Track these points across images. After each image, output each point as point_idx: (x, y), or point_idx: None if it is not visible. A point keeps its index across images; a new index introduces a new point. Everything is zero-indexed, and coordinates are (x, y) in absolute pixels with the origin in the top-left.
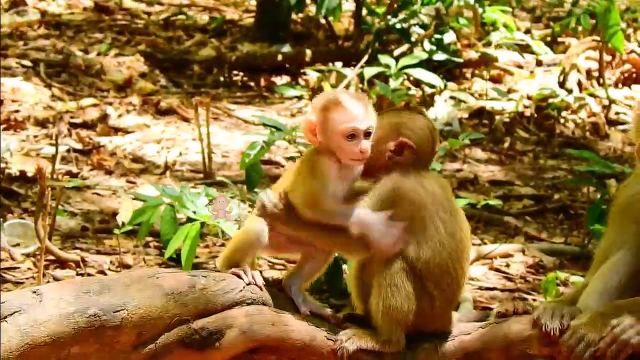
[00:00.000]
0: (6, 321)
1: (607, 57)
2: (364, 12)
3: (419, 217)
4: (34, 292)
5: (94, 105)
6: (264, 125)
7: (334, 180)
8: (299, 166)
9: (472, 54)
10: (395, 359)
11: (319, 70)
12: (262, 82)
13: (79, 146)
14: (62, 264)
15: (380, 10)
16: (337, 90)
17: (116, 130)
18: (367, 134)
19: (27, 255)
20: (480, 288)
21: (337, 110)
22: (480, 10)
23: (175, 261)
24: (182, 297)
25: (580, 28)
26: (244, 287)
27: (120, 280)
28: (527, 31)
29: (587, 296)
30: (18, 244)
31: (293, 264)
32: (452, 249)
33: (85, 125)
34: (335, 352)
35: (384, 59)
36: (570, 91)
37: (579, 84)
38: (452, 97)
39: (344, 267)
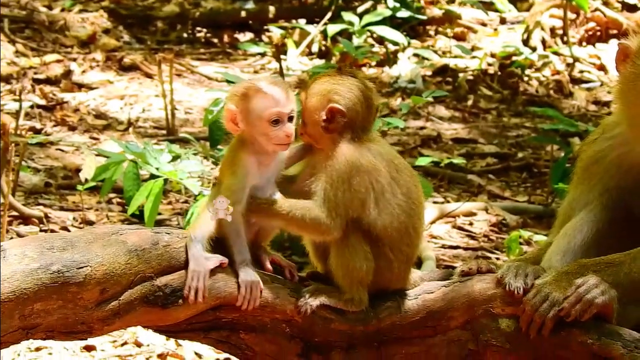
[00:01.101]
0: None
1: (571, 15)
2: None
3: (376, 184)
4: None
5: (58, 61)
6: (227, 81)
7: (252, 176)
8: (224, 160)
9: (435, 11)
10: (359, 317)
11: (282, 27)
12: (226, 39)
13: (42, 102)
14: (25, 220)
15: None
16: (254, 78)
17: (80, 86)
18: (290, 118)
19: None
20: (443, 246)
21: (258, 97)
22: None
23: (138, 218)
24: (146, 254)
25: None
26: None
27: (83, 236)
28: None
29: (551, 255)
30: None
31: None
32: (409, 210)
33: (48, 81)
34: (299, 308)
35: (347, 16)
36: (534, 49)
37: (543, 42)
38: (415, 55)
39: None
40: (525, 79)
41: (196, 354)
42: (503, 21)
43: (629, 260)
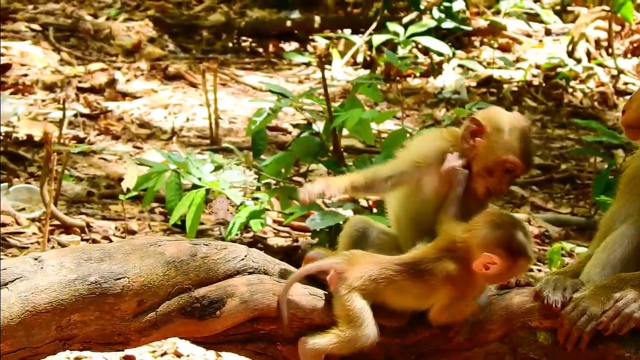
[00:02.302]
0: (7, 288)
1: (616, 27)
2: None
3: None
4: (35, 258)
5: (102, 69)
6: (271, 92)
7: None
8: None
9: (480, 22)
10: (396, 329)
11: (327, 37)
12: (271, 49)
13: (86, 111)
14: (67, 229)
15: None
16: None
17: (124, 95)
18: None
19: (33, 220)
20: None
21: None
22: None
23: (180, 227)
24: (184, 266)
25: None
26: (245, 256)
27: (121, 247)
28: (537, 0)
29: (590, 268)
30: (24, 209)
31: (301, 231)
32: None
33: (93, 90)
34: None
35: (392, 26)
36: (579, 61)
37: (588, 53)
38: (460, 66)
39: None
40: (570, 90)
41: None
42: (548, 32)
43: None
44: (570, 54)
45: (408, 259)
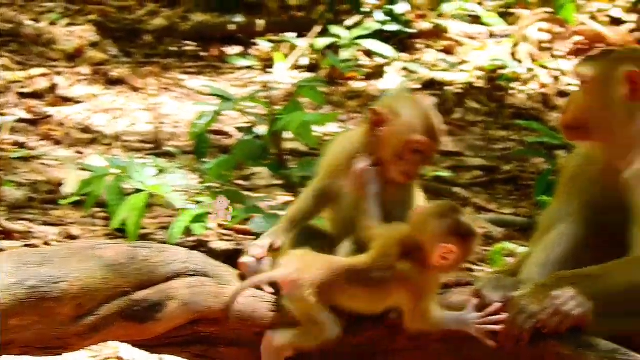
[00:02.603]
0: None
1: (558, 29)
2: None
3: None
4: None
5: (44, 75)
6: (214, 95)
7: None
8: None
9: (424, 25)
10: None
11: (270, 41)
12: (214, 52)
13: (28, 116)
14: (7, 234)
15: None
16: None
17: (65, 100)
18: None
19: None
20: None
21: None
22: None
23: (122, 232)
24: (123, 269)
25: None
26: (186, 259)
27: (60, 252)
28: (480, 2)
29: (529, 267)
30: None
31: (244, 234)
32: None
33: (34, 95)
34: None
35: (336, 29)
36: (521, 62)
37: (530, 55)
38: (403, 68)
39: None
40: (512, 92)
41: None
42: (491, 35)
43: (606, 273)
44: (513, 55)
45: (360, 265)
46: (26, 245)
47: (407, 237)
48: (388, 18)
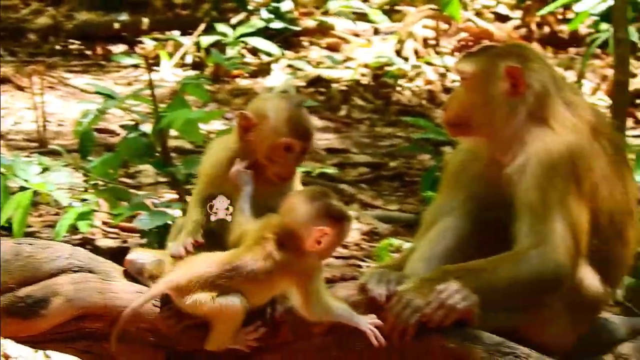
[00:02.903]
0: None
1: (443, 26)
2: None
3: None
4: None
5: None
6: (99, 93)
7: None
8: None
9: (309, 22)
10: None
11: (155, 39)
12: (99, 51)
13: None
14: None
15: None
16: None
17: None
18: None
19: None
20: None
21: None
22: None
23: (8, 230)
24: (7, 265)
25: None
26: (70, 255)
27: None
28: (365, 0)
29: (414, 262)
30: None
31: (130, 232)
32: None
33: None
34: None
35: (221, 27)
36: (406, 59)
37: (416, 52)
38: (289, 66)
39: None
40: (398, 89)
41: None
42: (376, 32)
43: (490, 266)
44: (399, 52)
45: (235, 260)
46: None
47: (281, 226)
48: (273, 16)
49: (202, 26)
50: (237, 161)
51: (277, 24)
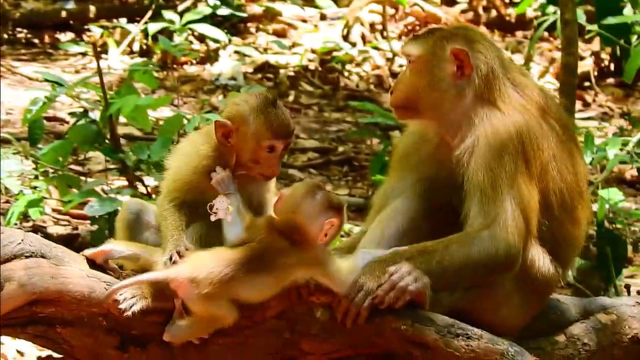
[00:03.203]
0: None
1: (390, 10)
2: None
3: None
4: None
5: None
6: (47, 81)
7: None
8: None
9: (256, 9)
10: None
11: (103, 27)
12: (47, 39)
13: None
14: None
15: None
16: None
17: None
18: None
19: None
20: None
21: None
22: None
23: None
24: None
25: None
26: (22, 240)
27: None
28: None
29: (365, 244)
30: None
31: (80, 219)
32: None
33: None
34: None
35: (168, 14)
36: (354, 44)
37: (363, 37)
38: (236, 52)
39: None
40: (346, 74)
41: (18, 352)
42: (323, 17)
43: (441, 248)
44: (346, 38)
45: (249, 255)
46: None
47: (285, 223)
48: (220, 2)
49: (149, 13)
50: (218, 169)
51: (224, 11)
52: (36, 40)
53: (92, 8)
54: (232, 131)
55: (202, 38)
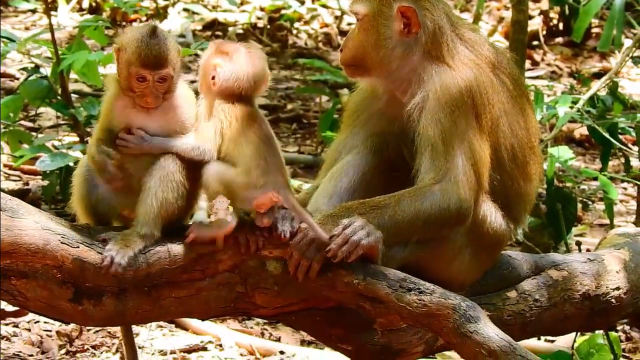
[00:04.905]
0: None
1: None
2: None
3: None
4: None
5: None
6: None
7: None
8: None
9: None
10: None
11: None
12: None
13: None
14: None
15: None
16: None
17: None
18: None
19: None
20: None
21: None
22: None
23: None
24: None
25: None
26: None
27: None
28: None
29: (317, 198)
30: None
31: (31, 175)
32: None
33: None
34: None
35: None
36: (302, 2)
37: None
38: (185, 9)
39: None
40: (294, 32)
41: None
42: None
43: (393, 202)
44: None
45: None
46: None
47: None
48: None
49: None
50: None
51: None
52: None
53: None
54: (117, 55)
55: None
